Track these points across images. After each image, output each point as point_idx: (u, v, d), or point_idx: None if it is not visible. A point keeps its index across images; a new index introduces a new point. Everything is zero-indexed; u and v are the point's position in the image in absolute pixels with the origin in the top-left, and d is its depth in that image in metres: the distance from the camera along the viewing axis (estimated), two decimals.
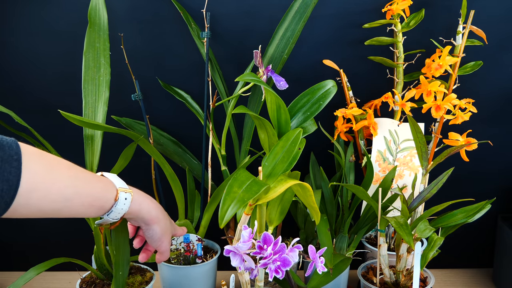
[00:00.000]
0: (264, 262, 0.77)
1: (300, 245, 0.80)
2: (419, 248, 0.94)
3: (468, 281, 1.30)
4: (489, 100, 1.22)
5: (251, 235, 0.77)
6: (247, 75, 0.92)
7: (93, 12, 1.07)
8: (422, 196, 1.02)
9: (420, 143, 1.01)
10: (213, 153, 1.17)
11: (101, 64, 1.06)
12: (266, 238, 0.77)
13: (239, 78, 0.91)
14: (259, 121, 0.87)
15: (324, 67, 1.13)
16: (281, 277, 0.77)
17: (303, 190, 0.80)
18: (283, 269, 0.78)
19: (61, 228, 1.31)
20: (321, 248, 0.85)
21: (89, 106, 1.05)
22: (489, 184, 1.29)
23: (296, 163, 0.96)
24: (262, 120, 0.87)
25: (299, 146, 0.84)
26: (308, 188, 0.79)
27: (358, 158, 1.19)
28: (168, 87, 1.21)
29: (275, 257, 0.77)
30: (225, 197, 0.71)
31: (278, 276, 0.77)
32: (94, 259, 1.07)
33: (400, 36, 1.11)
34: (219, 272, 1.21)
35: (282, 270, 0.78)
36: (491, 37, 1.14)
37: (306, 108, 1.00)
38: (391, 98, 1.10)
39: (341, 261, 1.06)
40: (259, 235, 0.88)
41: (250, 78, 0.91)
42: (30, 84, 1.21)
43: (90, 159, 1.04)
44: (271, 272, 0.77)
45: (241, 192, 0.72)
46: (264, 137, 0.90)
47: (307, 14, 1.08)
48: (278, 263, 0.77)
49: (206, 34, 1.10)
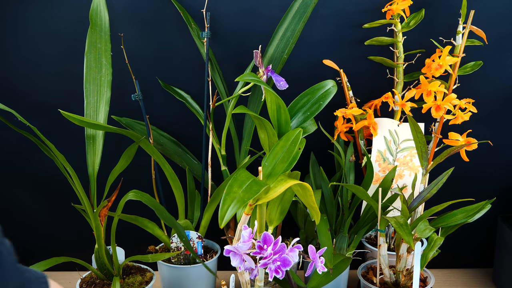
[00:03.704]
0: (264, 262, 0.77)
1: (300, 245, 0.80)
2: (419, 248, 0.94)
3: (468, 281, 1.30)
4: (489, 100, 1.22)
5: (251, 235, 0.77)
6: (247, 75, 0.92)
7: (94, 13, 1.07)
8: (422, 196, 1.02)
9: (420, 143, 1.01)
10: (213, 153, 1.17)
11: (103, 64, 1.06)
12: (266, 238, 0.77)
13: (239, 78, 0.91)
14: (259, 121, 0.87)
15: (324, 67, 1.14)
16: (281, 277, 0.77)
17: (303, 190, 0.80)
18: (283, 269, 0.78)
19: (61, 227, 1.31)
20: (321, 248, 0.85)
21: (90, 106, 1.05)
22: (489, 184, 1.29)
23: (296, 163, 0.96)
24: (262, 120, 0.87)
25: (299, 146, 0.84)
26: (308, 188, 0.79)
27: (358, 158, 1.19)
28: (168, 87, 1.21)
29: (275, 257, 0.77)
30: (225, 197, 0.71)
31: (278, 276, 0.77)
32: (95, 259, 1.07)
33: (400, 36, 1.11)
34: (219, 272, 1.21)
35: (282, 270, 0.78)
36: (491, 37, 1.14)
37: (306, 108, 1.00)
38: (391, 98, 1.10)
39: (341, 261, 1.07)
40: (259, 235, 0.88)
41: (250, 78, 0.91)
42: (32, 84, 1.21)
43: (91, 159, 1.04)
44: (271, 272, 0.77)
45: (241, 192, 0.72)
46: (264, 137, 0.90)
47: (307, 14, 1.08)
48: (278, 263, 0.77)
49: (206, 34, 1.10)
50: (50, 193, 1.28)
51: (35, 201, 1.30)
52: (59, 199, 1.27)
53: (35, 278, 0.60)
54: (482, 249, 1.34)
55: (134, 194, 1.00)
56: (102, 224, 1.03)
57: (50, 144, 0.97)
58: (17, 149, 1.25)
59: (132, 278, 1.08)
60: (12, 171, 1.27)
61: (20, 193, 1.28)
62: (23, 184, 1.29)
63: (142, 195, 1.01)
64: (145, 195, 1.01)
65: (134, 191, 1.01)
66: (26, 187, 1.29)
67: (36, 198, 1.30)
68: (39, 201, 1.30)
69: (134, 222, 1.12)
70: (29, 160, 1.26)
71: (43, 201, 1.30)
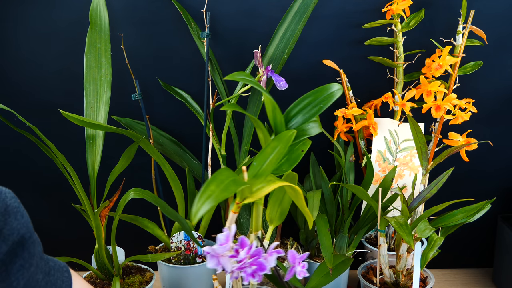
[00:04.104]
0: (239, 266, 0.76)
1: (281, 250, 0.80)
2: (419, 248, 0.94)
3: (468, 281, 1.30)
4: (489, 100, 1.22)
5: (228, 238, 0.76)
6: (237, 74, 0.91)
7: (94, 13, 1.07)
8: (422, 196, 1.02)
9: (420, 143, 1.01)
10: (213, 153, 1.17)
11: (102, 64, 1.06)
12: (242, 241, 0.76)
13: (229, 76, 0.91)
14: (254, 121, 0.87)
15: (324, 67, 1.14)
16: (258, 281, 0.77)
17: (295, 192, 0.80)
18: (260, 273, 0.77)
19: (61, 227, 1.31)
20: (322, 248, 0.85)
21: (90, 106, 1.05)
22: (489, 184, 1.29)
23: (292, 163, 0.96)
24: (256, 120, 0.87)
25: (302, 148, 0.84)
26: (298, 190, 0.79)
27: (358, 158, 1.19)
28: (168, 87, 1.21)
29: (250, 261, 0.76)
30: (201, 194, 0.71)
31: (254, 281, 0.77)
32: (95, 259, 1.07)
33: (400, 36, 1.11)
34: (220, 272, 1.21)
35: (260, 275, 0.77)
36: (491, 37, 1.14)
37: (307, 110, 1.00)
38: (391, 98, 1.10)
39: (342, 262, 1.06)
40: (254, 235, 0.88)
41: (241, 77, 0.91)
42: (32, 84, 1.21)
43: (92, 159, 1.04)
44: (247, 276, 0.76)
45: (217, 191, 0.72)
46: (261, 137, 0.90)
47: (307, 14, 1.08)
48: (255, 267, 0.76)
49: (206, 34, 1.10)
50: (50, 193, 1.28)
51: (35, 201, 1.30)
52: (59, 199, 1.27)
53: (58, 267, 0.65)
54: (482, 249, 1.34)
55: (135, 192, 1.00)
56: (102, 224, 1.03)
57: (50, 144, 0.97)
58: (17, 149, 1.25)
59: (132, 278, 1.08)
60: (12, 171, 1.27)
61: (20, 193, 1.28)
62: (23, 184, 1.29)
63: (144, 192, 1.01)
64: (146, 192, 1.01)
65: (135, 189, 1.01)
66: (26, 187, 1.29)
67: (36, 198, 1.30)
68: (39, 201, 1.30)
69: (134, 222, 1.12)
70: (29, 160, 1.26)
71: (43, 201, 1.30)
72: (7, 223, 0.56)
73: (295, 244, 1.19)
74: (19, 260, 0.56)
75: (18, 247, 0.57)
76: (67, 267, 0.66)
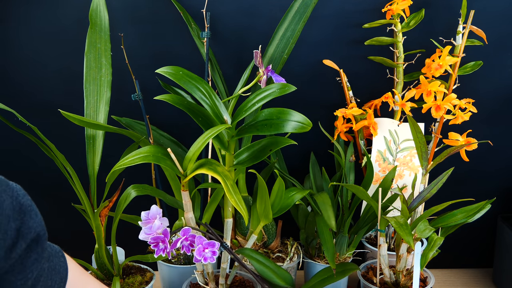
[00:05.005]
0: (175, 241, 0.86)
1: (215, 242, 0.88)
2: (419, 248, 0.94)
3: (468, 281, 1.30)
4: (489, 100, 1.22)
5: (148, 217, 0.87)
6: (165, 68, 0.95)
7: (94, 13, 1.07)
8: (422, 196, 1.02)
9: (420, 143, 1.01)
10: (213, 153, 1.17)
11: (103, 64, 1.06)
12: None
13: (159, 70, 0.94)
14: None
15: (324, 67, 1.14)
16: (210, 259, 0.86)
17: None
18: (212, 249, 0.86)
19: (61, 227, 1.31)
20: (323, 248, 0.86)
21: (90, 106, 1.05)
22: (489, 184, 1.29)
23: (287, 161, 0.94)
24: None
25: (270, 148, 0.91)
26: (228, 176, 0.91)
27: (358, 158, 1.19)
28: (168, 87, 1.21)
29: (161, 230, 0.86)
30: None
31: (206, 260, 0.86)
32: (95, 259, 1.07)
33: (400, 36, 1.11)
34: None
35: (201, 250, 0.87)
36: (491, 37, 1.14)
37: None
38: (391, 98, 1.10)
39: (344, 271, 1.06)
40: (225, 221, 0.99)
41: (165, 70, 0.94)
42: (32, 84, 1.21)
43: (92, 159, 1.04)
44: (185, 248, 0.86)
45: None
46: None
47: (307, 14, 1.08)
48: (187, 242, 0.86)
49: (206, 34, 1.10)
50: (50, 193, 1.28)
51: (35, 201, 1.29)
52: (59, 199, 1.27)
53: (55, 252, 0.68)
54: (482, 249, 1.34)
55: (136, 189, 1.01)
56: (102, 224, 1.03)
57: (50, 144, 0.97)
58: (17, 149, 1.25)
59: (132, 278, 1.08)
60: (12, 171, 1.27)
61: None
62: (23, 184, 1.28)
63: (144, 187, 1.01)
64: (146, 186, 1.02)
65: (135, 186, 1.01)
66: (25, 187, 1.28)
67: (36, 198, 1.29)
68: (39, 201, 1.29)
69: (134, 222, 1.12)
70: (29, 160, 1.25)
71: (43, 201, 1.29)
72: (24, 222, 0.63)
73: (295, 244, 1.19)
74: (34, 255, 0.61)
75: (33, 243, 0.61)
76: (62, 251, 0.69)
